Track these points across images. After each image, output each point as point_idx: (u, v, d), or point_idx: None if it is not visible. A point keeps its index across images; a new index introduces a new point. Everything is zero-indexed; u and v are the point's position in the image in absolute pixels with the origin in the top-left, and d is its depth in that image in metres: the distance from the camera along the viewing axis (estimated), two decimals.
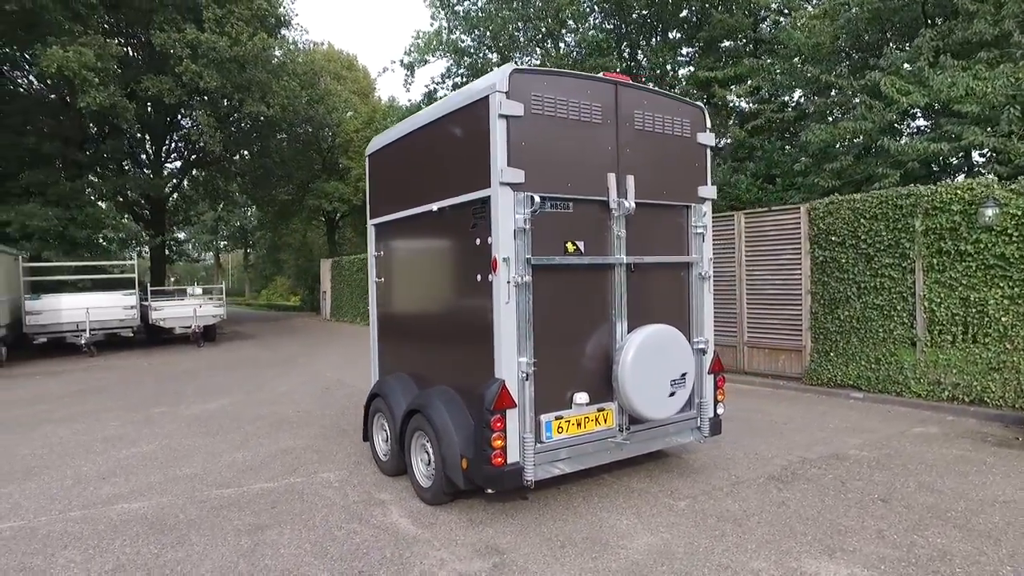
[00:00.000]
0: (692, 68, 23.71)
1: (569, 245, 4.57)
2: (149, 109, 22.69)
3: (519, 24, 26.20)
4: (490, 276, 4.29)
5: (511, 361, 4.25)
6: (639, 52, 26.29)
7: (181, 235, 44.97)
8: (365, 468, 5.83)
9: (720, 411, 5.44)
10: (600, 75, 4.77)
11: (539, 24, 26.00)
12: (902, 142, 12.78)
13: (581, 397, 4.58)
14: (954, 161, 15.18)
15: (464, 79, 28.19)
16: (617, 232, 4.76)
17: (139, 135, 22.44)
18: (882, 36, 15.91)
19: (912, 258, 8.00)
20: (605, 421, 4.73)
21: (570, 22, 26.24)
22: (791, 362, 9.37)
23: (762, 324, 9.74)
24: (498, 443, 4.18)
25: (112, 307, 15.24)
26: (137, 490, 5.36)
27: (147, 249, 23.14)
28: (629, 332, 4.77)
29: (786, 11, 18.10)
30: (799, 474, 5.35)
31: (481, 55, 27.64)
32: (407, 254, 5.71)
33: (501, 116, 4.19)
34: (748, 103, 21.02)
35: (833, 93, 15.91)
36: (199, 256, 57.22)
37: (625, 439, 4.79)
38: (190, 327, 16.29)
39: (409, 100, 32.51)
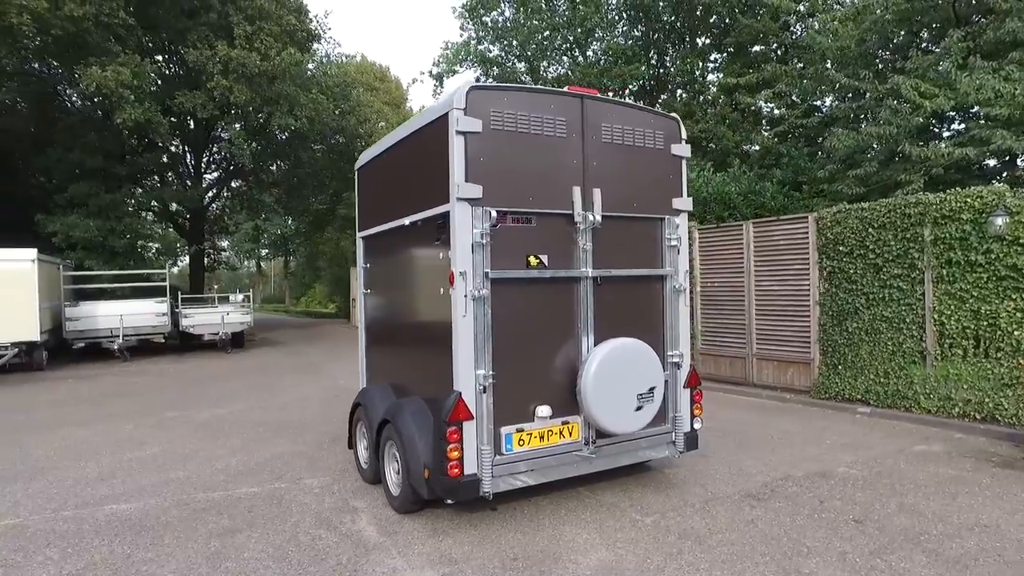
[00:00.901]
0: (721, 74, 23.45)
1: (532, 259, 4.60)
2: (190, 123, 23.67)
3: (546, 33, 26.30)
4: (450, 289, 4.36)
5: (468, 373, 4.30)
6: (667, 59, 26.09)
7: (225, 243, 46.52)
8: (349, 476, 5.95)
9: (697, 426, 5.38)
10: (566, 89, 4.80)
11: (567, 33, 26.06)
12: (936, 147, 12.32)
13: (544, 410, 4.60)
14: (992, 164, 14.59)
15: None
16: (583, 245, 4.77)
17: (179, 148, 23.39)
18: (911, 38, 15.40)
19: (921, 269, 7.73)
20: (570, 434, 4.73)
21: (598, 31, 26.20)
22: (800, 375, 9.14)
23: (771, 336, 9.53)
24: (454, 454, 4.24)
25: (144, 314, 15.93)
26: (129, 492, 5.61)
27: (186, 258, 24.03)
28: (596, 345, 4.77)
29: (813, 14, 17.68)
30: (778, 492, 5.23)
31: (509, 65, 27.88)
32: (387, 267, 5.83)
33: (459, 132, 4.27)
34: (778, 108, 20.64)
35: (867, 97, 15.48)
36: (240, 264, 58.99)
37: (592, 453, 4.79)
38: (218, 334, 16.86)
39: None
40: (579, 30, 25.49)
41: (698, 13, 24.45)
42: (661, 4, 24.50)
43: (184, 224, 27.62)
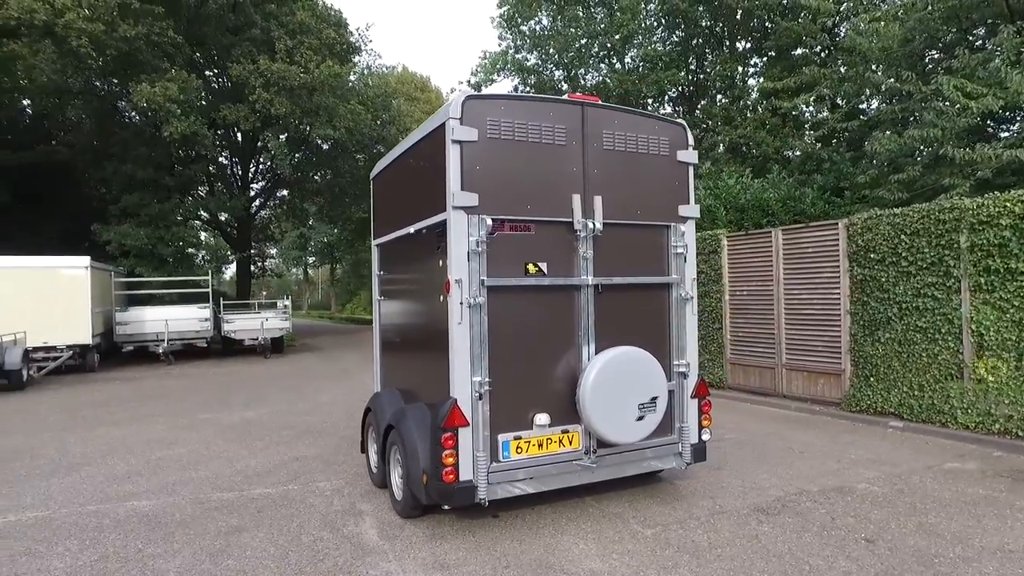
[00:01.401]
0: (761, 79, 22.96)
1: (531, 266, 4.61)
2: (238, 136, 24.62)
3: (583, 41, 26.28)
4: (447, 297, 4.41)
5: (463, 380, 4.34)
6: (706, 64, 25.71)
7: (273, 251, 47.99)
8: (361, 479, 6.05)
9: (705, 437, 5.27)
10: (565, 97, 4.81)
11: (604, 40, 26.01)
12: (982, 149, 11.74)
13: (542, 418, 4.59)
14: None
15: None
16: (584, 253, 4.75)
17: (226, 159, 24.32)
18: (962, 36, 14.74)
19: (957, 277, 7.38)
20: (570, 443, 4.71)
21: (638, 36, 26.04)
22: (830, 386, 8.83)
23: (801, 345, 9.24)
24: (449, 460, 4.28)
25: (188, 319, 16.59)
26: (151, 489, 5.85)
27: (233, 265, 24.92)
28: (597, 354, 4.73)
29: (855, 14, 17.14)
30: (789, 507, 5.07)
31: (547, 73, 28.01)
32: (396, 274, 5.94)
33: (454, 142, 4.33)
34: (819, 112, 20.10)
35: (912, 98, 14.91)
36: (288, 271, 60.61)
37: (593, 462, 4.74)
38: (258, 339, 17.40)
39: None
40: (616, 37, 25.44)
41: (738, 17, 24.03)
42: (700, 9, 24.13)
43: (232, 232, 28.69)
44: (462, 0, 70.12)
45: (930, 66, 15.64)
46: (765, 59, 23.85)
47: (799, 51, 21.29)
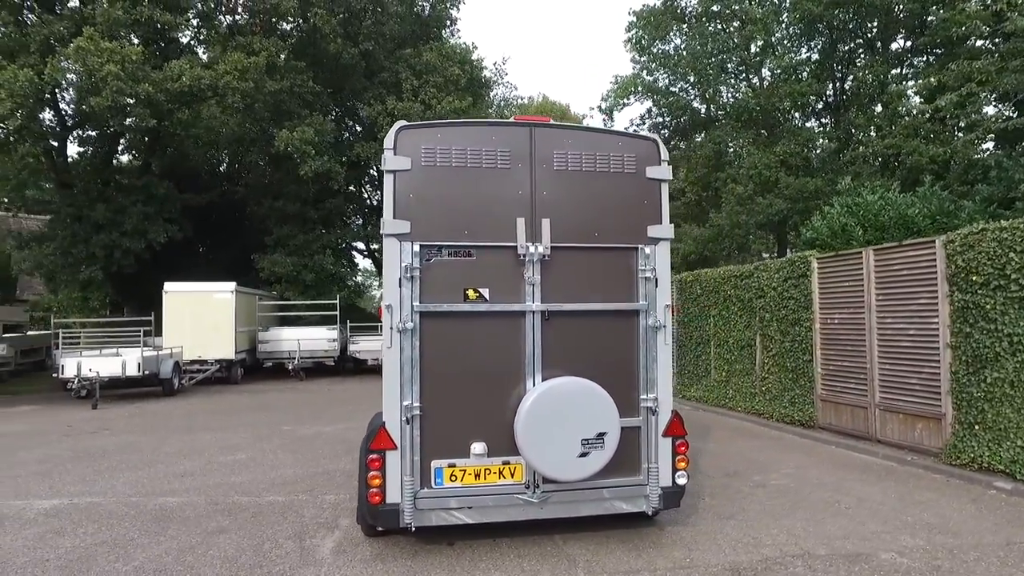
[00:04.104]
0: (919, 79, 20.23)
1: (471, 292, 4.56)
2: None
3: (716, 57, 25.19)
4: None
5: (393, 404, 4.41)
6: (855, 69, 23.22)
7: None
8: None
9: (681, 480, 4.77)
10: (511, 119, 4.73)
11: (735, 54, 24.76)
12: None
13: (478, 447, 4.49)
14: None
15: (664, 119, 27.97)
16: (529, 278, 4.59)
17: (365, 193, 26.86)
18: None
19: None
20: (512, 475, 4.53)
21: (778, 48, 24.43)
22: (929, 433, 7.43)
23: (896, 383, 7.91)
24: (375, 482, 4.35)
25: (318, 339, 18.36)
26: (187, 488, 6.59)
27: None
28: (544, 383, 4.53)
29: None
30: (772, 570, 4.37)
31: (681, 92, 27.30)
32: None
33: (388, 171, 4.47)
34: (987, 108, 17.24)
35: None
36: None
37: (536, 497, 4.52)
38: (378, 359, 18.66)
39: None
40: (751, 50, 24.08)
41: (896, 14, 21.42)
42: (848, 12, 21.85)
43: (380, 259, 31.32)
44: (604, 27, 70.75)
45: None
46: (924, 59, 20.99)
47: (966, 44, 18.46)
